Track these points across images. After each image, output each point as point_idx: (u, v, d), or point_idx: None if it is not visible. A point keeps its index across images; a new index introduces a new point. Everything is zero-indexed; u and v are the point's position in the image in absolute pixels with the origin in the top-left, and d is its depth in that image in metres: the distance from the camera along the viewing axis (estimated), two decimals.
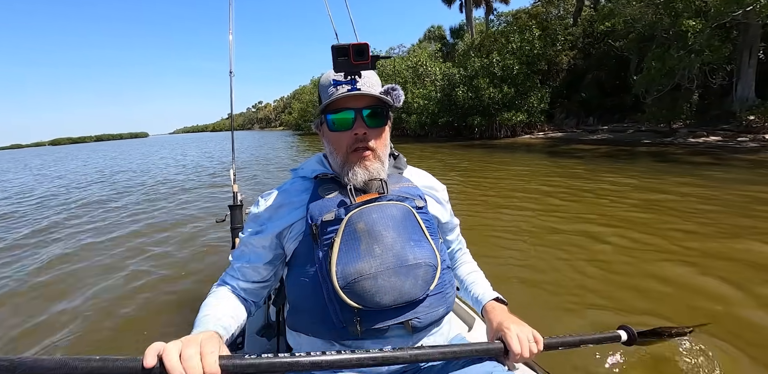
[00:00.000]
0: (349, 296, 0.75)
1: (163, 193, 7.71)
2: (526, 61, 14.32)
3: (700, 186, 5.38)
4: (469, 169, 8.82)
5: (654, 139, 12.52)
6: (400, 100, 0.83)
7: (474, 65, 14.75)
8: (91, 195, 8.03)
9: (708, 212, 4.01)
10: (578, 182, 6.15)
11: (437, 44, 24.60)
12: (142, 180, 10.25)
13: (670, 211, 4.15)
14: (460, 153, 12.22)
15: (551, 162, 9.21)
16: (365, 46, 0.72)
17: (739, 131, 11.53)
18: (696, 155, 8.94)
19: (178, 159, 17.44)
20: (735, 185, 5.34)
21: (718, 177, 5.97)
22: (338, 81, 0.80)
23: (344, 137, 0.82)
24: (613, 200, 4.89)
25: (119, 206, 6.52)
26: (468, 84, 14.72)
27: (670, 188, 5.40)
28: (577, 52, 17.79)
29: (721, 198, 4.60)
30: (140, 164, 16.34)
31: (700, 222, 3.69)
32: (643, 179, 6.22)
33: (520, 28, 14.60)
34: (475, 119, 15.06)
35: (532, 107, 14.73)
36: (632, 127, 14.21)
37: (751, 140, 10.69)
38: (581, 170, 7.53)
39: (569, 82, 17.37)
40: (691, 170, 6.87)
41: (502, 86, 14.24)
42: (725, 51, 10.29)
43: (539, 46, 14.15)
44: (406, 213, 0.83)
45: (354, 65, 0.73)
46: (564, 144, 13.08)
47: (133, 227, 4.98)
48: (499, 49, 14.49)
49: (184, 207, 6.09)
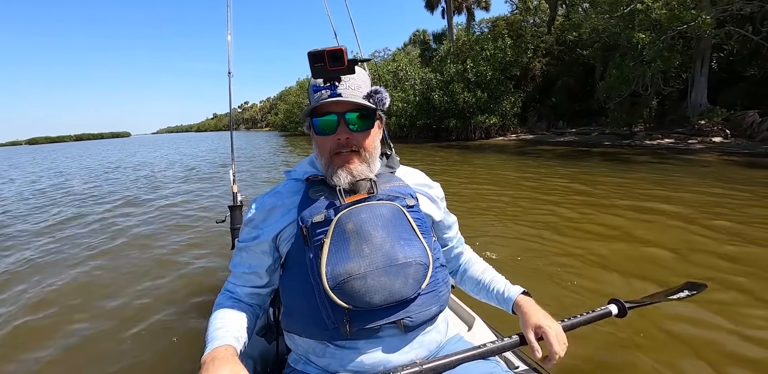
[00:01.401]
0: (339, 296, 0.76)
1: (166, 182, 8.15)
2: (499, 68, 15.19)
3: (618, 178, 6.54)
4: (443, 165, 9.65)
5: (614, 141, 13.47)
6: (385, 102, 0.82)
7: (450, 71, 15.57)
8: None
9: (606, 196, 5.25)
10: (524, 174, 6.99)
11: (417, 50, 25.38)
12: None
13: (590, 199, 5.18)
14: (436, 153, 12.98)
15: (513, 160, 10.12)
16: (340, 52, 0.70)
17: (690, 134, 12.54)
18: (640, 155, 9.94)
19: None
20: (644, 176, 6.60)
21: (637, 171, 7.20)
22: (318, 87, 0.80)
23: (328, 140, 0.82)
24: (543, 186, 5.97)
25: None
26: (444, 88, 15.55)
27: (594, 178, 6.59)
28: (549, 59, 18.80)
29: (623, 186, 5.82)
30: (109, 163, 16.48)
31: (599, 203, 4.84)
32: (580, 173, 7.31)
33: (494, 37, 15.47)
34: (451, 121, 15.91)
35: (504, 110, 15.62)
36: (598, 130, 15.17)
37: (699, 142, 11.69)
38: (533, 167, 8.50)
39: (542, 88, 18.33)
40: (624, 167, 7.94)
41: (476, 91, 15.10)
42: (675, 61, 11.26)
43: (511, 54, 15.02)
44: (395, 212, 0.83)
45: (330, 71, 0.72)
46: (531, 145, 14.04)
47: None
48: (473, 56, 15.33)
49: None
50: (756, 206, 4.32)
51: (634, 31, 10.66)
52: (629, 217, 4.14)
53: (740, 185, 5.53)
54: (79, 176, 11.99)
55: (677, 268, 2.79)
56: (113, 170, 13.08)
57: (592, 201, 5.02)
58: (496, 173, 8.07)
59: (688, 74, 13.74)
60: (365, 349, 0.80)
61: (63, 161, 20.53)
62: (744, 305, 2.23)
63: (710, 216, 3.99)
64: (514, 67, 16.02)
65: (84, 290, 3.02)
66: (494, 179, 7.15)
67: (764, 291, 2.37)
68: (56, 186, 9.59)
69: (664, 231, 3.60)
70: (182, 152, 21.97)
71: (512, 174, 7.70)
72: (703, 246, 3.17)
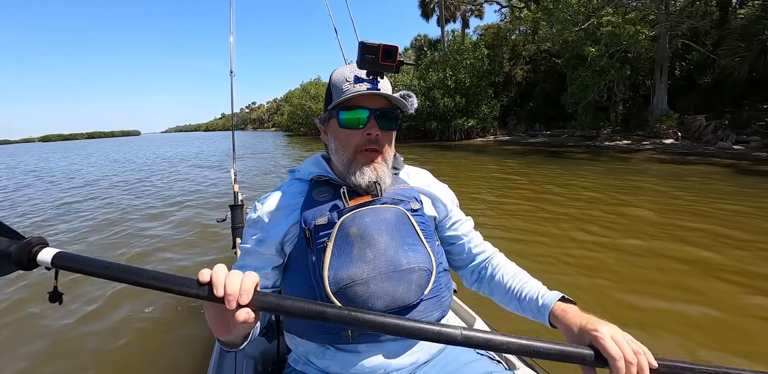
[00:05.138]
0: (341, 301, 0.75)
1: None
2: (478, 75, 16.81)
3: (545, 169, 8.17)
4: (423, 162, 11.43)
5: (578, 142, 14.91)
6: (414, 106, 0.82)
7: (431, 78, 17.26)
8: None
9: (529, 183, 6.66)
10: (472, 166, 8.76)
11: (410, 55, 26.98)
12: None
13: (522, 184, 6.77)
14: (417, 151, 14.60)
15: (472, 156, 11.86)
16: (394, 49, 0.70)
17: (648, 137, 13.89)
18: (583, 154, 11.61)
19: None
20: (570, 167, 8.17)
21: (563, 164, 8.82)
22: (360, 78, 0.78)
23: (355, 135, 0.80)
24: (478, 174, 7.63)
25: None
26: (426, 94, 17.22)
27: (522, 169, 8.20)
28: (531, 67, 20.32)
29: (547, 175, 7.34)
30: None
31: (522, 187, 6.30)
32: (515, 164, 9.09)
33: (473, 47, 17.12)
34: (432, 123, 17.59)
35: (484, 114, 17.22)
36: (569, 132, 16.60)
37: (650, 144, 13.04)
38: (484, 161, 10.15)
39: (522, 93, 19.86)
40: (557, 161, 9.57)
41: (455, 97, 16.76)
42: (626, 71, 12.71)
43: (488, 63, 16.65)
44: (400, 217, 0.82)
45: (380, 65, 0.71)
46: (500, 145, 15.70)
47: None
48: (452, 65, 16.99)
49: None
50: (618, 187, 5.89)
51: (586, 46, 12.16)
52: (529, 196, 5.70)
53: (630, 175, 7.06)
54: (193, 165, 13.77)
55: (553, 218, 4.35)
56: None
57: (510, 185, 6.60)
58: (451, 162, 9.76)
59: (651, 82, 15.14)
60: (366, 353, 0.79)
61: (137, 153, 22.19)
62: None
63: (577, 194, 5.58)
64: (493, 75, 17.61)
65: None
66: (443, 168, 8.80)
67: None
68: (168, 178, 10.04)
69: (548, 203, 5.18)
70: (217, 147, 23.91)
71: (464, 165, 9.40)
72: (572, 212, 4.74)
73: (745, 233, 3.50)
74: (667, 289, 2.48)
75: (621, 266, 2.89)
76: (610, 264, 2.94)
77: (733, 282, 2.55)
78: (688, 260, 2.95)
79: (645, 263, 2.92)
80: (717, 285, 2.53)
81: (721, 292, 2.43)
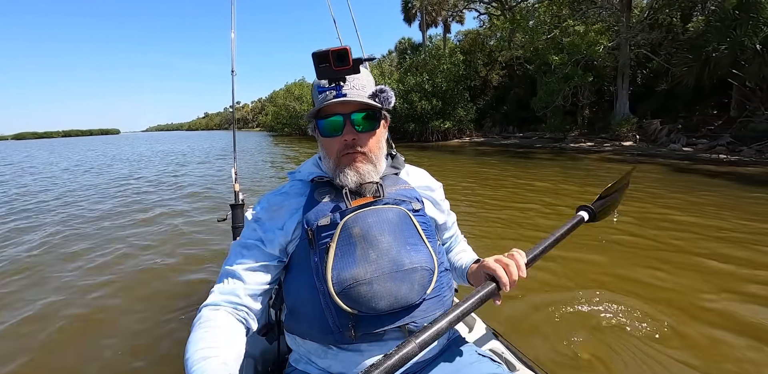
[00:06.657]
0: (344, 301, 0.76)
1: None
2: (454, 80, 17.70)
3: (507, 169, 8.85)
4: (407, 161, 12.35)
5: (545, 144, 15.81)
6: (390, 101, 0.82)
7: (410, 82, 18.08)
8: None
9: (494, 178, 7.36)
10: (443, 163, 9.53)
11: (391, 58, 27.77)
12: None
13: (487, 180, 7.41)
14: (399, 150, 15.34)
15: (442, 156, 12.63)
16: (345, 51, 0.69)
17: (610, 139, 14.86)
18: (545, 154, 12.44)
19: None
20: (525, 166, 8.98)
21: (522, 163, 9.66)
22: (323, 88, 0.79)
23: (335, 142, 0.82)
24: (445, 169, 8.36)
25: None
26: (404, 97, 18.02)
27: (483, 168, 8.94)
28: (506, 72, 21.31)
29: (510, 171, 8.12)
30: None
31: (488, 183, 6.98)
32: (476, 163, 9.77)
33: (450, 53, 18.01)
34: (410, 125, 18.41)
35: (460, 116, 18.09)
36: (539, 134, 17.53)
37: (610, 146, 13.99)
38: (453, 159, 10.92)
39: (497, 97, 20.82)
40: (515, 160, 10.43)
41: (432, 100, 17.60)
42: (588, 78, 13.67)
43: (463, 68, 17.56)
44: (402, 217, 0.83)
45: (335, 71, 0.71)
46: (472, 146, 16.57)
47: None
48: (429, 70, 17.84)
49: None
50: (563, 181, 6.65)
51: (550, 54, 13.08)
52: (479, 191, 6.39)
53: (575, 170, 7.88)
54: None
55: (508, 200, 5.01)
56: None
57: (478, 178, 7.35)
58: (418, 161, 10.54)
59: (615, 88, 16.20)
60: (368, 352, 0.80)
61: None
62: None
63: (530, 186, 6.36)
64: (469, 80, 18.52)
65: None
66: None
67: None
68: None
69: (498, 190, 5.89)
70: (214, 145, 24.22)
71: (435, 163, 10.12)
72: (534, 199, 5.42)
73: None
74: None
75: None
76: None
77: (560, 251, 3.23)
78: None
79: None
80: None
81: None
